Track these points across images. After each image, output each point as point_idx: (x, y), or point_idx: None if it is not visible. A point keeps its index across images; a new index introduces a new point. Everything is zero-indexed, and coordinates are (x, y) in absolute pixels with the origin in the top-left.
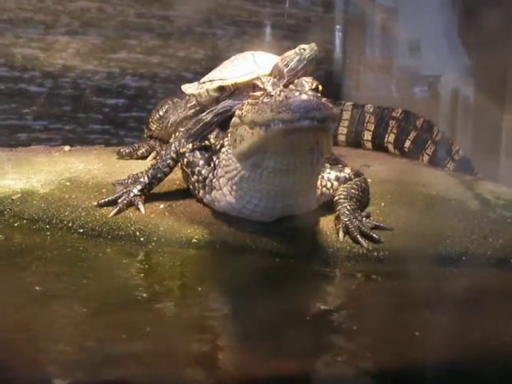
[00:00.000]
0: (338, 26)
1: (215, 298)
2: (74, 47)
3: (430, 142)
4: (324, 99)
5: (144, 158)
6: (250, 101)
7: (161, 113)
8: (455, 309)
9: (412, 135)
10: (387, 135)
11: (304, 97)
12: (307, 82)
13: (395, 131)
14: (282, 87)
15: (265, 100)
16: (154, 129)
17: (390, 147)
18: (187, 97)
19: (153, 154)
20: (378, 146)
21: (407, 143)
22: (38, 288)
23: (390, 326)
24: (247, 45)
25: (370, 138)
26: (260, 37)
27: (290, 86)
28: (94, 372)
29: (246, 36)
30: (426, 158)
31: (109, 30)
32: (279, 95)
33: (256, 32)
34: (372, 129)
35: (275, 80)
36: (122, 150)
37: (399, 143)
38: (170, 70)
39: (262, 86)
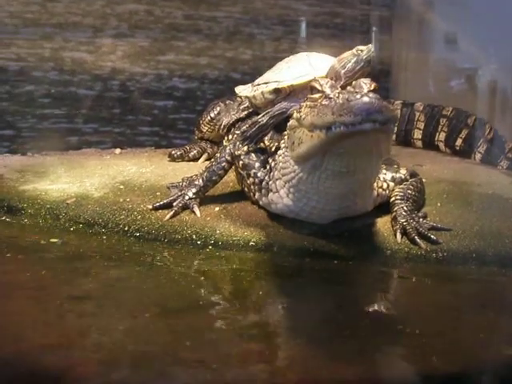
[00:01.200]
0: (385, 24)
1: (277, 301)
2: (122, 50)
3: (482, 139)
4: (384, 101)
5: (195, 159)
6: (308, 103)
7: (212, 114)
8: None
9: (464, 133)
10: (438, 133)
11: (366, 99)
12: (365, 84)
13: (446, 129)
14: (340, 89)
15: (324, 102)
16: (205, 131)
17: (441, 145)
18: (238, 98)
19: (204, 156)
20: (429, 144)
21: (458, 141)
22: (100, 293)
23: (453, 328)
24: (295, 44)
25: (420, 136)
26: (307, 36)
27: (348, 87)
28: (161, 378)
29: (294, 35)
30: (478, 156)
31: (157, 32)
32: (338, 97)
33: (303, 31)
34: (422, 127)
35: (333, 82)
36: (173, 153)
37: (450, 141)
38: (219, 70)
39: (320, 88)
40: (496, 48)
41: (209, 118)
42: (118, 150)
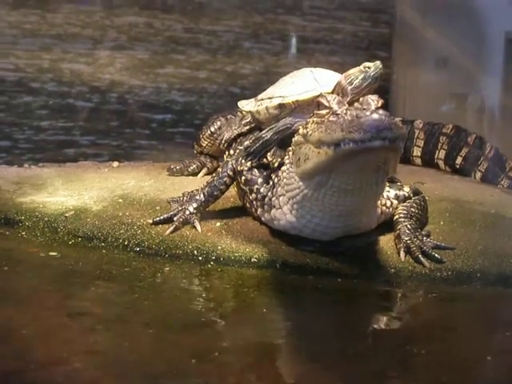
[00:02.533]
0: (384, 41)
1: (281, 319)
2: (121, 62)
3: (482, 158)
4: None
5: (195, 174)
6: (314, 119)
7: (212, 129)
8: None
9: (464, 151)
10: (437, 151)
11: (375, 116)
12: (373, 101)
13: (446, 147)
14: (347, 106)
15: (331, 119)
16: (204, 145)
17: (441, 163)
18: (239, 113)
19: (204, 171)
20: (428, 162)
21: (459, 159)
22: (100, 309)
23: (460, 349)
24: (294, 59)
25: (419, 154)
26: (307, 51)
27: (355, 104)
28: None
29: (293, 51)
30: (478, 174)
31: (156, 44)
32: (346, 114)
33: (303, 47)
34: (421, 145)
35: (340, 98)
36: (172, 167)
37: (450, 159)
38: (218, 84)
39: (327, 104)
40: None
41: (209, 132)
42: (115, 163)
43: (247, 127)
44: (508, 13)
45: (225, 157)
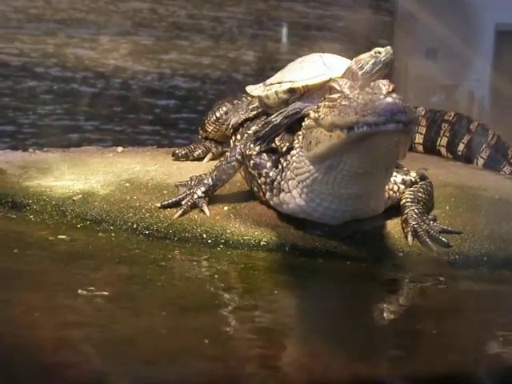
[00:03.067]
0: (385, 29)
1: (293, 300)
2: (125, 48)
3: (485, 145)
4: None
5: (200, 159)
6: (326, 103)
7: (218, 114)
8: None
9: (466, 138)
10: (439, 138)
11: (390, 100)
12: (384, 85)
13: (448, 134)
14: (359, 90)
15: (344, 102)
16: (210, 130)
17: (443, 150)
18: (244, 98)
19: (209, 156)
20: (430, 149)
21: (461, 146)
22: (113, 290)
23: (470, 330)
24: (297, 46)
25: (421, 141)
26: (309, 38)
27: (366, 88)
28: (181, 376)
29: (296, 38)
30: (480, 161)
31: (160, 30)
32: (359, 98)
33: (306, 34)
34: (423, 132)
35: (352, 83)
36: (177, 152)
37: (452, 146)
38: (221, 71)
39: (339, 88)
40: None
41: (214, 117)
42: (120, 149)
43: (254, 112)
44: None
45: (231, 142)
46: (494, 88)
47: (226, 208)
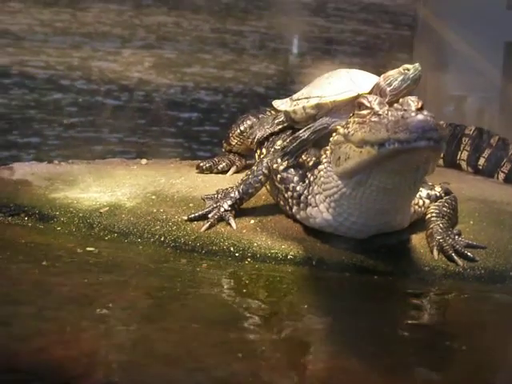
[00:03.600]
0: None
1: (322, 314)
2: (149, 61)
3: (505, 159)
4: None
5: (224, 172)
6: (356, 119)
7: (242, 128)
8: None
9: (486, 153)
10: (460, 152)
11: (421, 117)
12: (413, 102)
13: (468, 148)
14: (388, 106)
15: (374, 119)
16: (234, 143)
17: (463, 164)
18: (268, 112)
19: (233, 169)
20: (451, 163)
21: (481, 161)
22: (144, 303)
23: (499, 346)
24: (318, 60)
25: (442, 154)
26: (330, 52)
27: (395, 105)
28: None
29: (318, 52)
30: (501, 176)
31: (184, 44)
32: (388, 114)
33: (327, 48)
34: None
35: (381, 99)
36: (201, 164)
37: (473, 160)
38: (243, 84)
39: (368, 104)
40: None
41: (239, 130)
42: (144, 161)
43: (280, 126)
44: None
45: (256, 155)
46: (503, 100)
47: (252, 221)
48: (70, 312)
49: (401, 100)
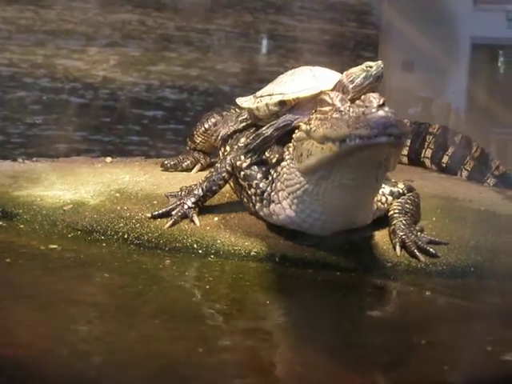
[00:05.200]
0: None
1: (284, 310)
2: (114, 59)
3: (469, 157)
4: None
5: (188, 170)
6: (317, 116)
7: (206, 126)
8: None
9: (450, 151)
10: (424, 150)
11: (382, 113)
12: (375, 98)
13: (432, 146)
14: (350, 103)
15: (336, 115)
16: (198, 141)
17: (427, 162)
18: (232, 110)
19: (197, 167)
20: (415, 160)
21: (445, 158)
22: (106, 299)
23: (458, 340)
24: (283, 59)
25: (405, 152)
26: (295, 51)
27: (357, 101)
28: None
29: (283, 50)
30: (464, 173)
31: (149, 42)
32: (349, 111)
33: (292, 46)
34: (408, 144)
35: (343, 96)
36: (166, 162)
37: (436, 158)
38: (208, 82)
39: (330, 101)
40: None
41: (203, 128)
42: (108, 159)
43: (243, 124)
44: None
45: (220, 153)
46: (469, 100)
47: (216, 219)
48: (32, 308)
49: (363, 97)
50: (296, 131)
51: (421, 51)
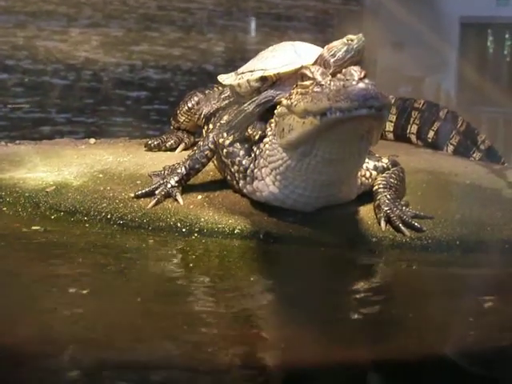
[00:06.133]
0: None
1: (269, 287)
2: (96, 39)
3: (454, 132)
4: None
5: (172, 149)
6: (299, 90)
7: (190, 104)
8: (504, 295)
9: (436, 126)
10: (410, 126)
11: (362, 85)
12: (356, 71)
13: (418, 122)
14: (331, 77)
15: (317, 89)
16: (182, 120)
17: (413, 138)
18: (216, 88)
19: (181, 146)
20: (400, 136)
21: (431, 134)
22: (89, 279)
23: (445, 313)
24: (267, 37)
25: (391, 128)
26: (279, 29)
27: (338, 75)
28: (159, 360)
29: (266, 28)
30: (450, 148)
31: (131, 22)
32: (331, 84)
33: (276, 24)
34: (394, 120)
35: (324, 69)
36: (150, 142)
37: (422, 134)
38: (192, 62)
39: (311, 75)
40: None
41: (186, 107)
42: (92, 140)
43: (226, 101)
44: None
45: (203, 131)
46: (459, 79)
47: (199, 197)
48: (15, 289)
49: (344, 70)
50: (278, 106)
51: (410, 31)
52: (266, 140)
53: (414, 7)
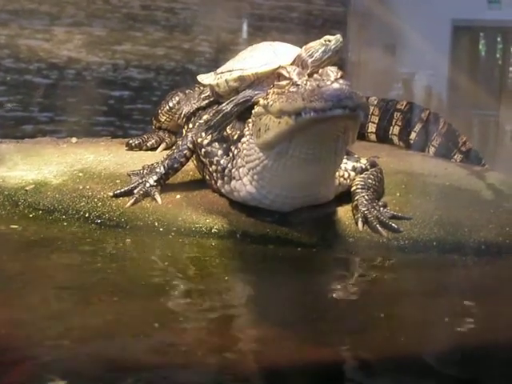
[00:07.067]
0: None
1: (244, 286)
2: (79, 38)
3: (436, 134)
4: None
5: (153, 149)
6: (275, 90)
7: (170, 104)
8: (480, 296)
9: (417, 127)
10: (392, 127)
11: (336, 85)
12: (332, 72)
13: (400, 123)
14: (307, 77)
15: (292, 89)
16: (163, 120)
17: (395, 139)
18: (197, 88)
19: (162, 146)
20: (383, 138)
21: (412, 135)
22: (65, 277)
23: (417, 312)
24: (251, 37)
25: (374, 130)
26: (263, 29)
27: (315, 75)
28: (134, 362)
29: (250, 29)
30: (432, 149)
31: (114, 21)
32: (307, 84)
33: (259, 25)
34: (376, 121)
35: (300, 69)
36: (131, 142)
37: (404, 135)
38: (175, 62)
39: (287, 75)
40: None
41: (167, 107)
42: (74, 139)
43: (206, 101)
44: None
45: (184, 131)
46: (450, 81)
47: (178, 196)
48: None
49: (320, 70)
50: (255, 106)
51: (402, 34)
52: (243, 140)
53: (405, 9)
